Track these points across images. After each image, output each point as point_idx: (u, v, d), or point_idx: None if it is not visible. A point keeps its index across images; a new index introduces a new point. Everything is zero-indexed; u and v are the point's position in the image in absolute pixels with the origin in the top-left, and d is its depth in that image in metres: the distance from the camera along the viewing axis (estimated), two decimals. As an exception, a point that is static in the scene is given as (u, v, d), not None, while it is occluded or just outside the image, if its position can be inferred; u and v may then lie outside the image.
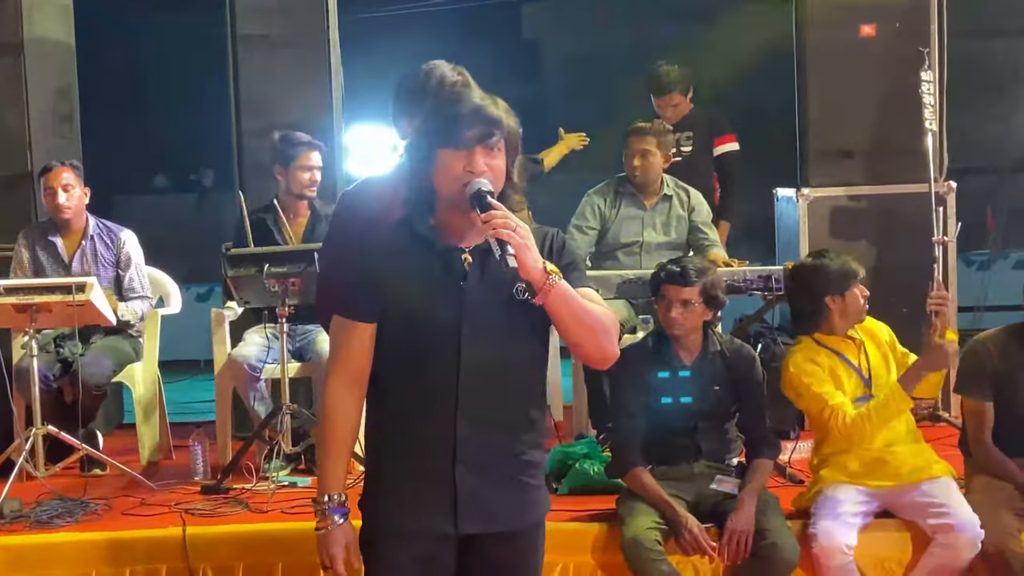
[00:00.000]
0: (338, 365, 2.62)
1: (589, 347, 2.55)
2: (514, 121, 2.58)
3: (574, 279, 2.54)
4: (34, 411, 4.96)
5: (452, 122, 2.51)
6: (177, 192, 21.19)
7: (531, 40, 21.24)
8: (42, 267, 5.60)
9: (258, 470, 5.02)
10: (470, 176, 2.48)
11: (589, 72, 19.54)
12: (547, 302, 2.44)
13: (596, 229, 5.41)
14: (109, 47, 11.25)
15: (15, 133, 6.11)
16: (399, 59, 17.78)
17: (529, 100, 21.10)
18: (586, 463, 4.71)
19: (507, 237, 2.38)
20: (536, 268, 2.41)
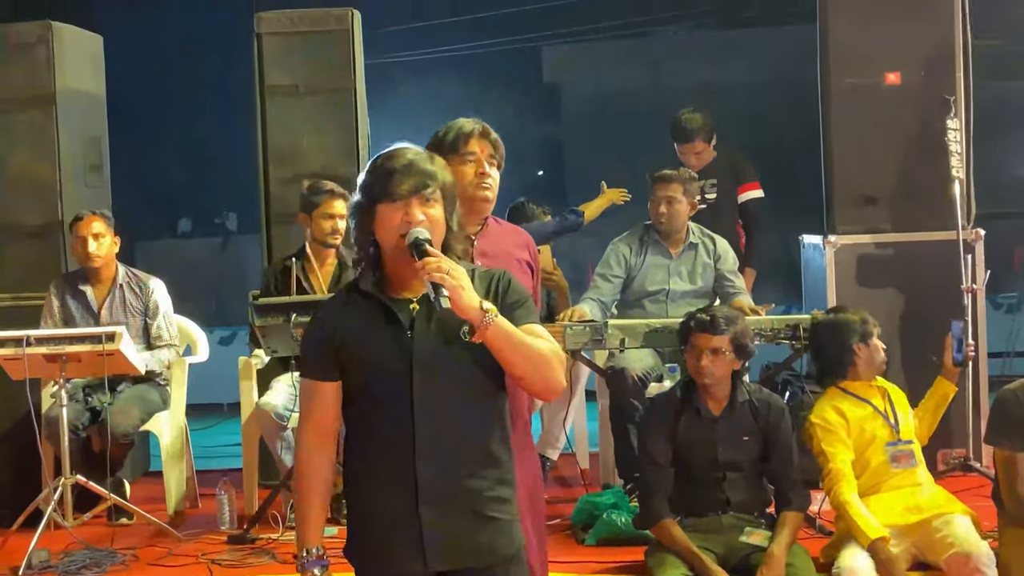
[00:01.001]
0: (307, 423, 2.77)
1: (533, 380, 2.67)
2: (449, 176, 2.75)
3: (519, 316, 2.68)
4: (63, 461, 5.00)
5: (388, 177, 2.66)
6: (201, 236, 21.37)
7: (552, 83, 21.37)
8: (72, 316, 5.65)
9: (284, 519, 5.03)
10: (408, 226, 2.62)
11: (609, 114, 19.65)
12: (485, 339, 2.57)
13: (621, 277, 5.43)
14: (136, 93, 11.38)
15: (46, 183, 6.15)
16: (422, 102, 17.89)
17: (550, 142, 21.29)
18: (614, 513, 4.70)
19: (439, 280, 2.53)
20: (471, 307, 2.55)
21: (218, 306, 15.01)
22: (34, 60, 6.13)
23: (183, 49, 16.86)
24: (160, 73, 17.56)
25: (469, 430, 2.69)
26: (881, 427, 4.16)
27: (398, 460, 2.65)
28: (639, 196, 6.22)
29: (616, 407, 5.10)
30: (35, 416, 5.05)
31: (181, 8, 18.01)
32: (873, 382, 4.24)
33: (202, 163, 19.69)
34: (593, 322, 5.00)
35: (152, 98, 16.90)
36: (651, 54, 19.81)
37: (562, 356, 2.70)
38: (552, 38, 19.83)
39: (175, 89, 18.88)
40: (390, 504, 2.68)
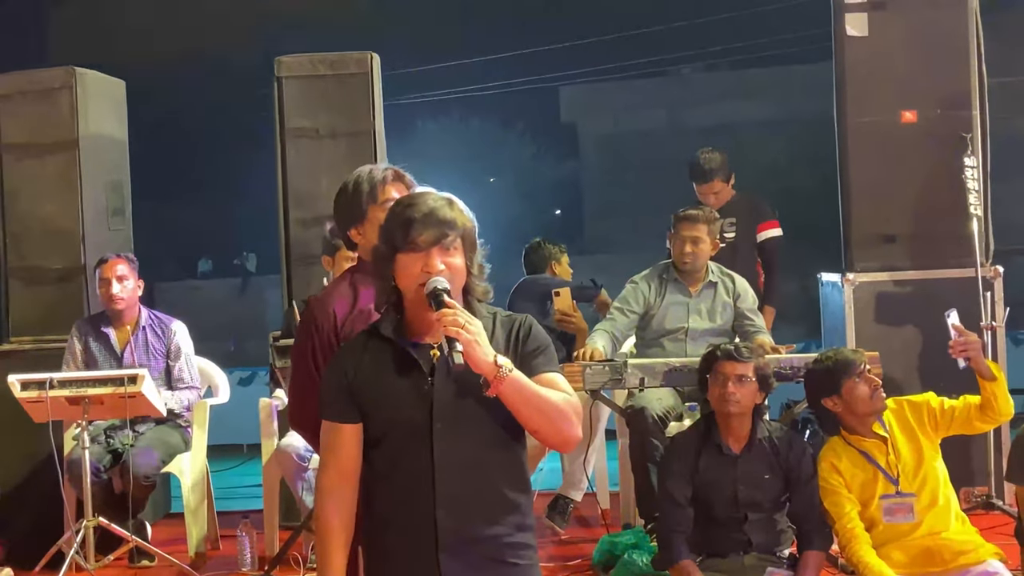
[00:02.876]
0: (327, 465, 2.77)
1: (546, 433, 2.68)
2: (469, 220, 2.75)
3: (538, 364, 2.70)
4: (85, 503, 5.02)
5: (408, 227, 2.66)
6: (220, 276, 21.50)
7: (569, 122, 21.51)
8: (94, 359, 5.69)
9: (306, 561, 5.03)
10: (427, 276, 2.63)
11: (626, 153, 19.74)
12: (499, 393, 2.58)
13: (637, 313, 5.43)
14: (157, 137, 11.53)
15: (68, 227, 6.23)
16: (441, 142, 18.04)
17: (567, 180, 21.41)
18: (634, 554, 4.68)
19: (455, 334, 2.54)
20: (485, 362, 2.56)
21: (237, 347, 15.06)
22: (58, 105, 6.23)
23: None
24: (180, 116, 17.75)
25: (488, 477, 2.70)
26: (879, 481, 4.01)
27: (418, 507, 2.66)
28: (658, 233, 6.25)
29: (636, 446, 5.09)
30: (58, 458, 5.08)
31: (202, 54, 18.23)
32: (875, 428, 4.06)
33: (222, 205, 19.88)
34: (612, 361, 5.00)
35: (172, 141, 17.07)
36: (667, 93, 19.96)
37: (578, 407, 2.71)
38: (570, 78, 19.99)
39: (196, 132, 19.09)
40: (410, 551, 2.69)
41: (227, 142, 18.97)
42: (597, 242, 19.23)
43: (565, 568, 4.93)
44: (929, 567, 3.97)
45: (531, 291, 6.08)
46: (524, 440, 2.77)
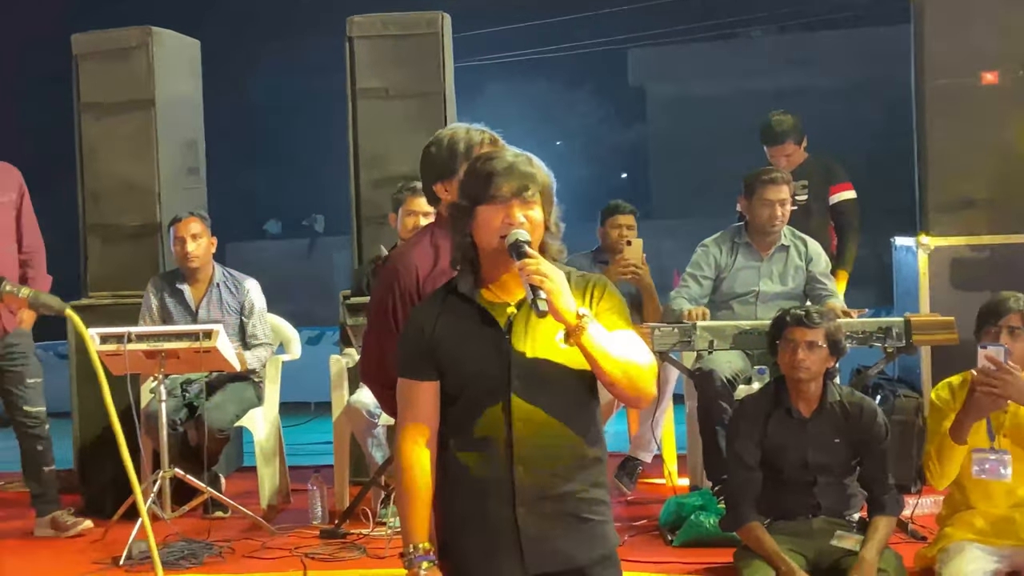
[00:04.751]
0: (407, 423, 2.78)
1: (623, 387, 2.68)
2: (548, 176, 2.77)
3: (614, 321, 2.71)
4: (161, 454, 5.13)
5: (489, 179, 2.68)
6: (288, 237, 21.70)
7: (637, 85, 21.33)
8: (170, 314, 5.80)
9: (375, 515, 5.10)
10: (508, 228, 2.64)
11: (694, 116, 19.54)
12: (579, 344, 2.60)
13: (711, 279, 5.41)
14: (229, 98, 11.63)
15: (145, 185, 6.31)
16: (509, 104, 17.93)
17: (634, 144, 21.25)
18: (701, 515, 4.70)
19: (538, 283, 2.56)
20: (567, 311, 2.57)
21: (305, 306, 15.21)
22: (135, 65, 6.29)
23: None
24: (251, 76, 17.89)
25: (564, 434, 2.71)
26: (981, 432, 3.88)
27: (495, 463, 2.68)
28: (726, 198, 6.20)
29: (704, 409, 5.08)
30: (135, 411, 5.19)
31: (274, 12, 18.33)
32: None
33: (290, 166, 20.05)
34: (681, 324, 5.00)
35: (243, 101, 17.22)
36: (737, 56, 19.69)
37: (654, 365, 2.72)
38: (638, 40, 19.81)
39: (266, 93, 19.23)
40: (486, 507, 2.70)
41: (297, 103, 19.09)
42: (664, 206, 19.11)
43: (632, 528, 4.95)
44: (1007, 538, 3.92)
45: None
46: (598, 398, 2.79)
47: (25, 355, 5.36)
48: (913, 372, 5.74)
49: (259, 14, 18.36)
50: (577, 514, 2.71)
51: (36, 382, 5.39)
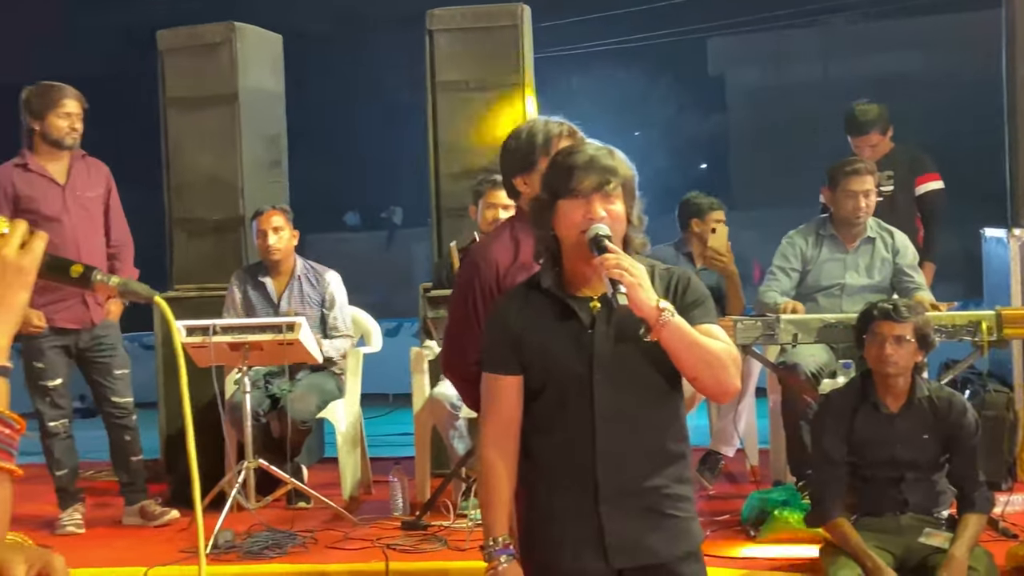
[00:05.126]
0: (489, 416, 2.79)
1: (706, 381, 2.67)
2: (629, 170, 2.75)
3: (697, 315, 2.69)
4: (246, 445, 5.21)
5: (570, 173, 2.68)
6: (367, 229, 21.90)
7: (717, 74, 21.15)
8: (252, 307, 5.88)
9: (455, 507, 5.13)
10: (589, 223, 2.63)
11: (776, 106, 19.32)
12: (661, 338, 2.58)
13: (798, 270, 5.36)
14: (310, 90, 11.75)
15: (228, 179, 6.42)
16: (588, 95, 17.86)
17: (714, 134, 21.06)
18: (785, 511, 4.66)
19: (617, 276, 2.54)
20: (647, 305, 2.55)
21: (383, 298, 15.34)
22: (219, 60, 6.40)
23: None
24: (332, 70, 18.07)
25: (647, 429, 2.71)
26: None
27: (578, 458, 2.68)
28: (808, 188, 6.12)
29: (788, 403, 5.04)
30: (220, 402, 5.28)
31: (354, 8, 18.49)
32: None
33: (369, 159, 20.22)
34: (765, 317, 4.96)
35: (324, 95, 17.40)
36: (819, 44, 19.42)
37: (738, 358, 2.70)
38: (718, 29, 19.63)
39: (346, 86, 19.42)
40: (569, 502, 2.71)
41: (377, 95, 19.23)
42: (744, 197, 18.93)
43: (713, 523, 4.92)
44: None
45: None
46: (682, 392, 2.78)
47: (113, 347, 5.49)
48: (1004, 366, 5.63)
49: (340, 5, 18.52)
50: (661, 510, 2.71)
51: (124, 373, 5.51)
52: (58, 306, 5.27)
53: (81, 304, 5.32)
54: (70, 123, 5.33)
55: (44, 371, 5.33)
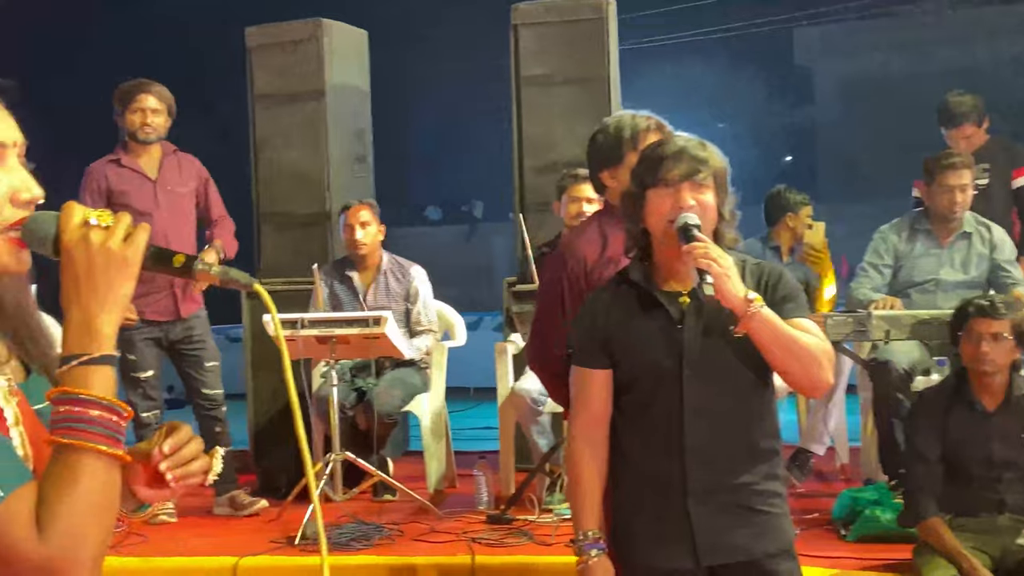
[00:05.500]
0: (580, 411, 2.80)
1: (797, 375, 2.66)
2: (721, 162, 2.73)
3: (789, 309, 2.66)
4: (332, 438, 5.28)
5: (659, 163, 2.67)
6: (448, 223, 22.03)
7: (803, 65, 20.88)
8: (339, 301, 5.96)
9: (540, 502, 5.15)
10: (678, 211, 2.62)
11: (864, 97, 19.01)
12: (749, 329, 2.56)
13: (891, 266, 5.29)
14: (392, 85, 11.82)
15: (315, 174, 6.51)
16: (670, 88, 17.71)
17: (800, 126, 20.80)
18: (876, 510, 4.60)
19: (706, 266, 2.53)
20: (736, 296, 2.54)
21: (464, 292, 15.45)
22: (306, 56, 6.49)
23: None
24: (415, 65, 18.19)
25: (738, 425, 2.70)
26: None
27: (667, 453, 2.68)
28: (899, 181, 6.03)
29: (880, 401, 4.97)
30: (308, 395, 5.35)
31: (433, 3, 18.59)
32: None
33: (450, 153, 20.33)
34: (856, 312, 4.90)
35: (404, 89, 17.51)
36: (910, 33, 19.07)
37: (830, 353, 2.68)
38: (804, 19, 19.37)
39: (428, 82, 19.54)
40: (658, 498, 2.71)
41: (457, 90, 19.31)
42: (831, 189, 18.68)
43: (802, 521, 4.87)
44: None
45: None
46: (773, 388, 2.76)
47: (203, 340, 5.59)
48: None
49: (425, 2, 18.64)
50: (751, 506, 2.69)
51: (214, 366, 5.62)
52: (148, 299, 5.40)
53: (169, 297, 5.43)
54: (143, 118, 5.45)
55: (136, 363, 5.45)
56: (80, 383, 1.44)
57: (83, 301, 1.46)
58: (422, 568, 4.51)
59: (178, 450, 1.62)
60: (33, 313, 1.66)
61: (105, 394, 1.44)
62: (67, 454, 1.41)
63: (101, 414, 1.43)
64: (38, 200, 1.54)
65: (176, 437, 1.63)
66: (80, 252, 1.47)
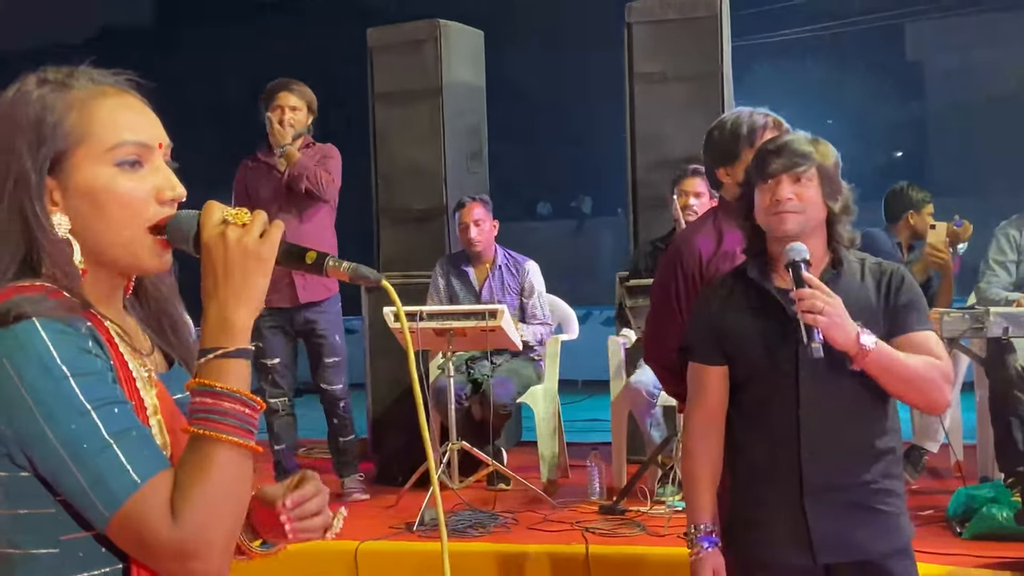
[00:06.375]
0: (696, 406, 2.78)
1: (913, 399, 2.68)
2: (831, 156, 2.68)
3: (911, 321, 2.62)
4: (449, 427, 5.33)
5: (764, 159, 2.66)
6: (557, 218, 22.04)
7: (915, 60, 20.37)
8: (455, 294, 6.00)
9: (652, 494, 5.12)
10: (777, 205, 2.58)
11: (977, 93, 18.49)
12: (864, 367, 2.53)
13: (1015, 261, 5.15)
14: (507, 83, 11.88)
15: (432, 170, 6.56)
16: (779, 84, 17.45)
17: (910, 122, 20.31)
18: (993, 508, 4.47)
19: (812, 321, 2.48)
20: (848, 342, 2.51)
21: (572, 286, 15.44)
22: (423, 56, 6.55)
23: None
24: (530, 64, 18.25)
25: (853, 424, 2.66)
26: None
27: (783, 452, 2.65)
28: (1016, 176, 5.84)
29: (997, 398, 4.83)
30: (425, 385, 5.40)
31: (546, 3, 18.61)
32: None
33: (560, 149, 20.34)
34: (973, 309, 4.76)
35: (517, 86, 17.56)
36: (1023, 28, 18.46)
37: (949, 372, 2.62)
38: (915, 15, 18.90)
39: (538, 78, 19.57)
40: (774, 495, 2.68)
41: (567, 87, 19.31)
42: (941, 185, 18.20)
43: (916, 518, 4.71)
44: None
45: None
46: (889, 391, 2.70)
47: (325, 335, 5.61)
48: None
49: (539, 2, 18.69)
50: (868, 505, 2.65)
51: (334, 361, 5.62)
52: (272, 286, 5.45)
53: (289, 285, 5.50)
54: (278, 116, 5.51)
55: (263, 350, 5.54)
56: (216, 376, 1.46)
57: (221, 296, 1.49)
58: (536, 556, 4.52)
59: (301, 504, 1.63)
60: (176, 307, 1.70)
61: (239, 387, 1.46)
62: (202, 444, 1.43)
63: (234, 406, 1.45)
64: (180, 199, 1.57)
65: (301, 492, 1.64)
66: (218, 249, 1.49)
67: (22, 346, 1.40)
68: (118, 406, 1.43)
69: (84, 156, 1.52)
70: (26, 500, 1.44)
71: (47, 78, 1.56)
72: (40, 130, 1.51)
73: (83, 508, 1.42)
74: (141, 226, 1.53)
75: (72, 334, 1.43)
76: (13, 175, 1.51)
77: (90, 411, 1.40)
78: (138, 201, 1.53)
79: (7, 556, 1.46)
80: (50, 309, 1.43)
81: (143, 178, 1.54)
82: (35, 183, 1.50)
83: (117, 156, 1.53)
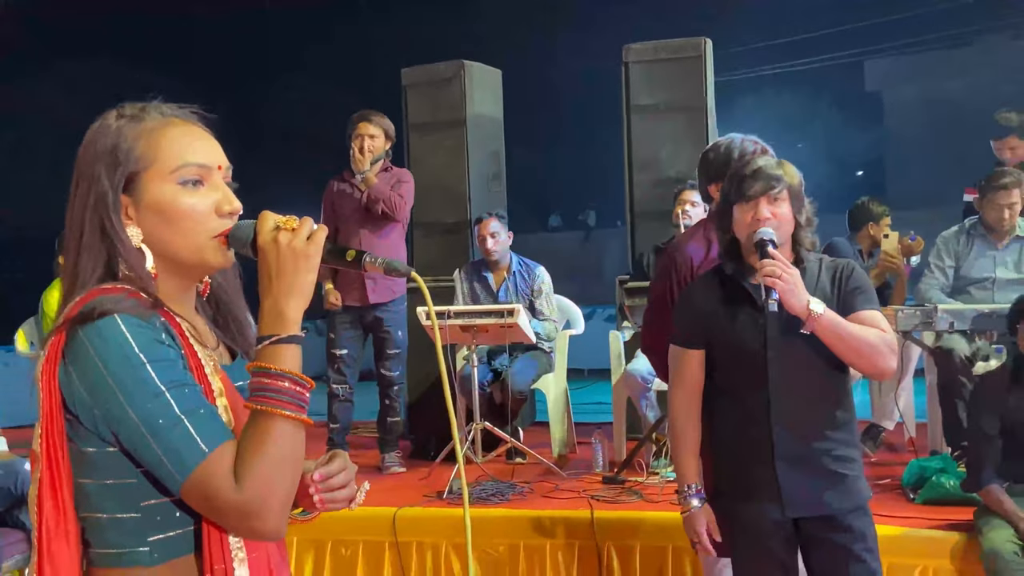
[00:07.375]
0: (678, 383, 2.84)
1: (861, 365, 2.66)
2: (796, 176, 2.73)
3: (859, 302, 2.68)
4: (473, 410, 5.34)
5: (741, 182, 2.70)
6: (567, 230, 22.04)
7: (873, 91, 20.29)
8: (477, 296, 6.02)
9: (648, 466, 5.13)
10: (757, 223, 2.63)
11: (928, 119, 18.41)
12: (814, 331, 2.58)
13: (953, 266, 5.13)
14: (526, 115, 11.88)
15: (458, 189, 6.61)
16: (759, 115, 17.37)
17: (871, 145, 20.22)
18: (942, 477, 4.45)
19: (771, 283, 2.55)
20: (799, 306, 2.57)
21: (580, 288, 15.41)
22: (451, 92, 6.58)
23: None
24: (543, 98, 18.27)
25: (817, 398, 2.70)
26: None
27: (757, 423, 2.69)
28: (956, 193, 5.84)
29: (944, 383, 4.81)
30: (452, 374, 5.40)
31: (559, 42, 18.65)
32: None
33: (570, 168, 20.38)
34: (923, 306, 4.75)
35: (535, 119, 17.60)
36: (972, 63, 18.37)
37: (892, 342, 2.65)
38: (873, 53, 18.86)
39: (554, 113, 19.62)
40: (749, 460, 2.72)
41: (577, 119, 19.33)
42: (898, 200, 18.12)
43: (875, 486, 4.71)
44: None
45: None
46: (846, 368, 2.74)
47: (390, 330, 5.60)
48: None
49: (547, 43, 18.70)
50: (831, 468, 2.69)
51: (394, 353, 5.63)
52: (347, 288, 5.52)
53: (361, 287, 5.52)
54: (359, 144, 5.51)
55: (333, 341, 5.59)
56: (271, 359, 1.47)
57: (274, 291, 1.50)
58: (549, 520, 4.52)
59: (328, 479, 1.62)
60: (240, 308, 1.72)
61: (292, 368, 1.47)
62: (260, 418, 1.45)
63: (288, 385, 1.46)
64: (237, 212, 1.58)
65: (329, 467, 1.63)
66: (271, 251, 1.51)
67: (105, 339, 1.42)
68: (188, 388, 1.45)
69: (153, 176, 1.54)
70: (112, 472, 1.46)
71: (124, 112, 1.58)
72: (116, 155, 1.54)
73: (160, 476, 1.44)
74: (206, 235, 1.55)
75: (148, 327, 1.45)
76: (94, 195, 1.53)
77: (164, 392, 1.42)
78: (200, 214, 1.55)
79: (96, 520, 1.48)
80: (129, 307, 1.45)
81: (204, 195, 1.56)
82: (112, 201, 1.53)
83: (180, 176, 1.55)
